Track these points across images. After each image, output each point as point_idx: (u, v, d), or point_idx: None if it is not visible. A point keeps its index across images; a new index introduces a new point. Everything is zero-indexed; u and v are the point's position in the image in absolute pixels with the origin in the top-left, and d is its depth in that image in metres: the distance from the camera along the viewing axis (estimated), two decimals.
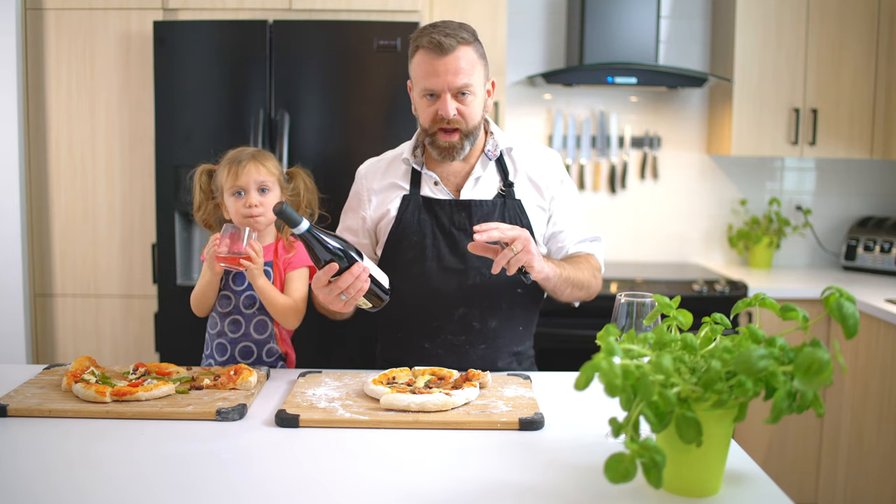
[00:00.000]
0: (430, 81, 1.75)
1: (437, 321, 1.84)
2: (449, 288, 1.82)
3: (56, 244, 2.97)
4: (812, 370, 1.00)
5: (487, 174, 1.88)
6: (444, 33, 1.73)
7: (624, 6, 3.28)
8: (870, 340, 2.82)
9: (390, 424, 1.44)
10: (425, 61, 1.75)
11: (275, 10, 2.87)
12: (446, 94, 1.75)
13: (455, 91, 1.75)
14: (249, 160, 1.85)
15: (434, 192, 1.87)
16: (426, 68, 1.75)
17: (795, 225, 3.66)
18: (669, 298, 1.32)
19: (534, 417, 1.44)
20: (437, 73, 1.74)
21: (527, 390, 1.62)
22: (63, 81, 2.91)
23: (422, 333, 1.86)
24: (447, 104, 1.75)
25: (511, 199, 1.86)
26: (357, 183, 1.97)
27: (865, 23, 3.27)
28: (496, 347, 1.87)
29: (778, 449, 3.10)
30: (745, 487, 1.20)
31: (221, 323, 1.88)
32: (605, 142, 3.61)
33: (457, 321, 1.84)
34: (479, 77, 1.79)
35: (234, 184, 1.84)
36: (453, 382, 1.61)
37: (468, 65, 1.74)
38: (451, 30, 1.75)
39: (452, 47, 1.72)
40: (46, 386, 1.62)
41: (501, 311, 1.86)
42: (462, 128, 1.78)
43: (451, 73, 1.73)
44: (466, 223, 1.83)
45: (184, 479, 1.23)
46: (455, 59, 1.73)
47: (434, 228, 1.84)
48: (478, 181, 1.87)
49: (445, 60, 1.73)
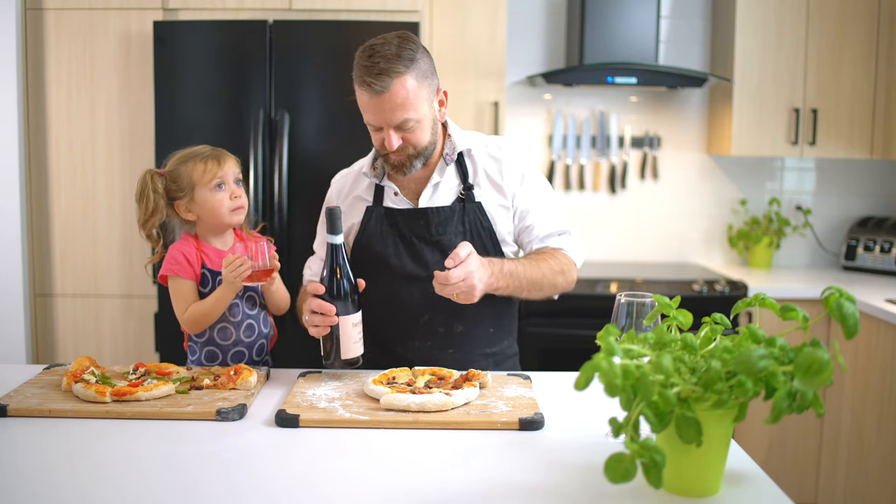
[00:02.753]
0: (370, 117, 1.74)
1: (403, 327, 1.87)
2: (412, 295, 1.84)
3: (56, 244, 2.97)
4: (812, 370, 1.00)
5: (446, 179, 1.87)
6: (378, 70, 1.66)
7: (624, 6, 3.28)
8: (870, 340, 2.82)
9: (390, 424, 1.44)
10: (364, 97, 1.72)
11: (275, 10, 2.87)
12: (389, 129, 1.73)
13: (395, 126, 1.72)
14: (224, 154, 1.87)
15: (395, 203, 1.88)
16: (365, 104, 1.72)
17: (795, 225, 3.66)
18: (669, 298, 1.32)
19: (534, 417, 1.44)
20: (375, 111, 1.71)
21: (527, 390, 1.62)
22: (63, 81, 2.91)
23: (392, 339, 1.89)
24: (391, 138, 1.73)
25: (471, 202, 1.85)
26: (328, 195, 2.01)
27: (865, 23, 3.27)
28: (465, 351, 1.88)
29: (778, 449, 3.10)
30: (745, 487, 1.20)
31: (210, 330, 1.88)
32: (605, 142, 3.61)
33: (422, 327, 1.86)
34: (422, 101, 1.73)
35: (216, 175, 1.82)
36: (453, 382, 1.61)
37: (407, 97, 1.69)
38: (386, 63, 1.66)
39: (385, 87, 1.67)
40: (46, 386, 1.62)
41: (467, 316, 1.85)
42: (410, 152, 1.78)
43: (388, 111, 1.70)
44: (425, 231, 1.84)
45: (184, 479, 1.23)
46: (391, 97, 1.68)
47: (395, 238, 1.86)
48: (437, 187, 1.86)
49: (381, 99, 1.68)
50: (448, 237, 1.83)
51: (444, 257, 1.72)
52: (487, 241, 1.85)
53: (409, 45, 1.71)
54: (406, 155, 1.77)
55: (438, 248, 1.83)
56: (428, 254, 1.84)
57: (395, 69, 1.66)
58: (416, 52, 1.71)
